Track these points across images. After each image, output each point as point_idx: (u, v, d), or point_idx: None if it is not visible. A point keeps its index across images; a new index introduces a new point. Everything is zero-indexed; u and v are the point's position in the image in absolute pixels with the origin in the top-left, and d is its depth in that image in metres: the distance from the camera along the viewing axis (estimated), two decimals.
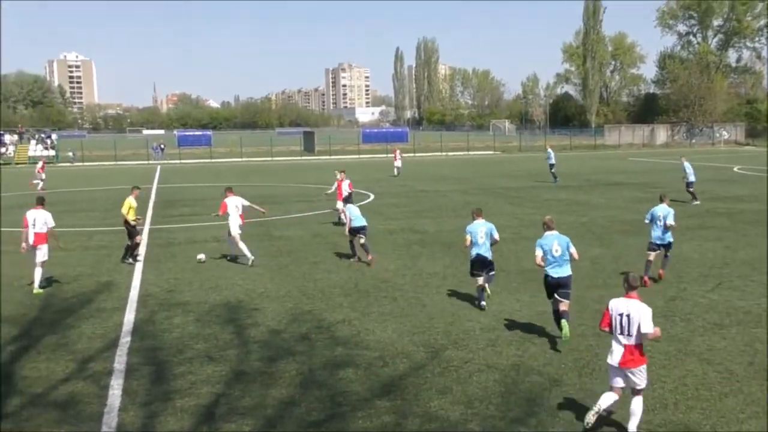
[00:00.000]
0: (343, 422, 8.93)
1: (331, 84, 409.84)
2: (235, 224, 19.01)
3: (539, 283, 16.19)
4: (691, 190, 31.58)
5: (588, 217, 27.06)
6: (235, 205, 19.15)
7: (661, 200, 16.87)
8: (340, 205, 24.97)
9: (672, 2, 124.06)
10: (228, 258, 19.56)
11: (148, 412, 9.27)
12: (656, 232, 16.37)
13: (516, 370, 10.65)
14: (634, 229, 23.37)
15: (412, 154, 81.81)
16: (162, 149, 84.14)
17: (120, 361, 11.24)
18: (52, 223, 16.68)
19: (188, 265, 18.92)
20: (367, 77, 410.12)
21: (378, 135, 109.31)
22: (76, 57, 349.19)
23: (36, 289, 15.99)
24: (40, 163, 47.96)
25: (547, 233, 12.36)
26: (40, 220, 16.45)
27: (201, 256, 19.56)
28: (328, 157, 74.89)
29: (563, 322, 11.97)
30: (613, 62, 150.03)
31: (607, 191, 37.14)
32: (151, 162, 74.71)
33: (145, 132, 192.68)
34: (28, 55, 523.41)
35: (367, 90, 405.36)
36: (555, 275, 12.15)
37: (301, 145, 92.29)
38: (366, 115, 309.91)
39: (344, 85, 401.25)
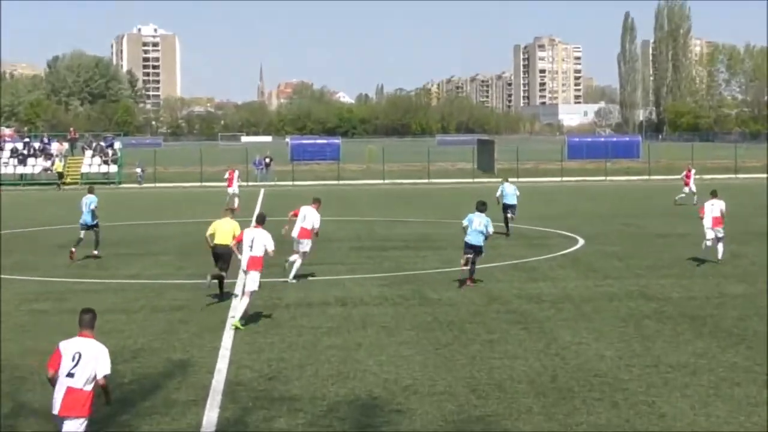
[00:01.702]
0: None
1: (522, 69, 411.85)
2: (296, 233, 25.74)
3: None
4: None
5: None
6: (304, 215, 25.53)
7: None
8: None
9: None
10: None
11: None
12: None
13: None
14: None
15: (646, 177, 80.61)
16: (267, 164, 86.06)
17: None
18: (272, 247, 20.33)
19: (300, 338, 19.28)
20: (577, 58, 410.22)
21: (591, 147, 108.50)
22: (155, 31, 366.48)
23: (236, 323, 19.59)
24: (228, 174, 57.89)
25: None
26: (258, 241, 20.03)
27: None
28: (514, 179, 70.78)
29: None
30: None
31: None
32: (251, 183, 76.92)
33: (245, 139, 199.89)
34: (88, 28, 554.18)
35: (577, 78, 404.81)
36: None
37: (473, 160, 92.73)
38: (574, 116, 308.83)
39: (542, 71, 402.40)
